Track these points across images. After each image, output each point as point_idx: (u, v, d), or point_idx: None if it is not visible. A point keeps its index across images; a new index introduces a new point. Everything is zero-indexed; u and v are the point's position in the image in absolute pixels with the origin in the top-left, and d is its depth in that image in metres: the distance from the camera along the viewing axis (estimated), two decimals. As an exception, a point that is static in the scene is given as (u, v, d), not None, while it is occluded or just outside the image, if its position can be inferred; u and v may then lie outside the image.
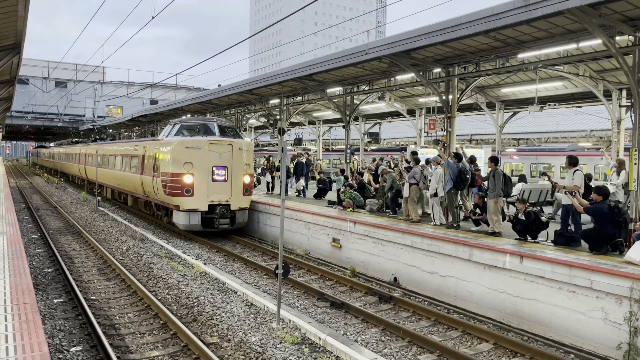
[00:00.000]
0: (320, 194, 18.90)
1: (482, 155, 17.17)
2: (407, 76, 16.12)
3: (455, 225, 12.29)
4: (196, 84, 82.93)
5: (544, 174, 17.79)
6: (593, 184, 11.83)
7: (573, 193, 9.66)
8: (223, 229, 16.75)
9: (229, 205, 16.70)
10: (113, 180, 24.81)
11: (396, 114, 26.09)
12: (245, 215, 17.38)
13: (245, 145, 17.44)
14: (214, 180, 16.48)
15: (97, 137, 38.50)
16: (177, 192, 16.14)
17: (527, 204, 10.90)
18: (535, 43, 12.01)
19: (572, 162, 10.22)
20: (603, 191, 9.30)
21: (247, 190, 17.16)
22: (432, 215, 12.96)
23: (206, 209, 16.38)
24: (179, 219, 16.41)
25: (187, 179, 16.10)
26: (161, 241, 15.65)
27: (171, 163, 16.30)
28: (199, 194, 16.22)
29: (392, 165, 18.41)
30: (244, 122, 29.65)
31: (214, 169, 16.50)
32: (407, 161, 16.12)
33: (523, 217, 10.51)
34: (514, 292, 9.24)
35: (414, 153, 14.73)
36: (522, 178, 17.59)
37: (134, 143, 22.26)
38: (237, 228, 17.43)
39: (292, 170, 21.08)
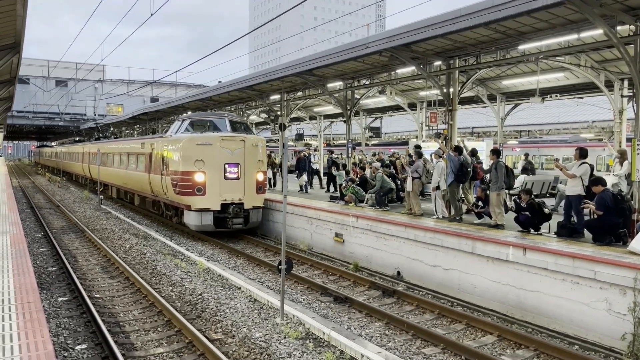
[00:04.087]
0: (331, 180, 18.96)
1: (483, 148, 17.14)
2: (407, 69, 16.07)
3: (457, 218, 12.29)
4: (196, 81, 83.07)
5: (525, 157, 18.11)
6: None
7: (586, 201, 9.69)
8: (237, 229, 16.05)
9: (242, 204, 15.93)
10: (119, 179, 24.33)
11: (397, 108, 26.03)
12: (259, 214, 16.61)
13: (259, 142, 16.77)
14: (226, 178, 15.75)
15: (101, 135, 38.44)
16: (188, 191, 15.52)
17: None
18: (536, 34, 11.95)
19: (582, 154, 10.30)
20: (600, 181, 9.35)
21: (260, 188, 16.40)
22: (434, 209, 12.96)
23: (219, 208, 15.65)
24: (190, 219, 15.81)
25: (199, 177, 15.41)
26: (164, 238, 15.67)
27: (181, 161, 15.72)
28: (211, 193, 15.53)
29: (394, 159, 18.36)
30: (245, 118, 29.62)
31: (226, 166, 15.76)
32: (410, 155, 16.09)
33: (525, 205, 10.51)
34: (517, 284, 9.24)
35: (418, 147, 14.70)
36: (524, 170, 17.59)
37: (140, 140, 21.65)
38: (250, 228, 16.78)
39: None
